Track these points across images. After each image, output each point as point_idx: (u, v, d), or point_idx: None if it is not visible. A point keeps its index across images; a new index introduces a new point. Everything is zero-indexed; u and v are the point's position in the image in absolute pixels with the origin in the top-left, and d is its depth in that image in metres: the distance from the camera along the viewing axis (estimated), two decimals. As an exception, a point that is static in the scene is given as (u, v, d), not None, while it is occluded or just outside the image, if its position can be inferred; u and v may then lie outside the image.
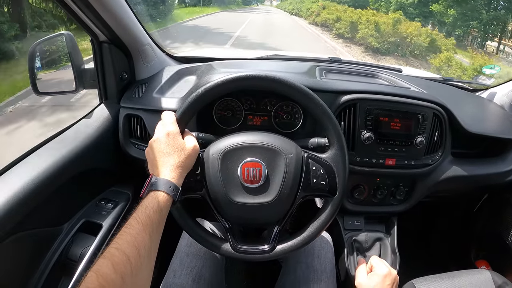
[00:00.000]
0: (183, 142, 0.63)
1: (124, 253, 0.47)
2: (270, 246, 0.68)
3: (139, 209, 0.54)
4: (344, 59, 1.23)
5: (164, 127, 0.64)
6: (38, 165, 0.76)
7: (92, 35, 0.91)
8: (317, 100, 0.67)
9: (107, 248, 0.48)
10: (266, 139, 0.67)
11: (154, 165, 0.62)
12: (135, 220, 0.52)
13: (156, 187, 0.57)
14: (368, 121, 0.87)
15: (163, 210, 0.57)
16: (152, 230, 0.53)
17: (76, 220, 0.88)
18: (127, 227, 0.51)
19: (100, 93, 0.98)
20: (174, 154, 0.61)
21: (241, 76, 0.65)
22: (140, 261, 0.49)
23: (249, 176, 0.64)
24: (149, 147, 0.64)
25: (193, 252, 0.84)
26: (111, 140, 0.96)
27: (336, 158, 0.68)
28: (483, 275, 0.82)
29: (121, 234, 0.50)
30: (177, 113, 0.66)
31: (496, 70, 1.28)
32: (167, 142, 0.62)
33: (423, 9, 15.47)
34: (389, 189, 0.98)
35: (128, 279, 0.46)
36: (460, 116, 0.94)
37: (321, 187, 0.67)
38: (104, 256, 0.46)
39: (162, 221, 0.57)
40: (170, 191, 0.58)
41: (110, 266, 0.45)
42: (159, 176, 0.59)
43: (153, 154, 0.62)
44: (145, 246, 0.50)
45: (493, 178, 1.02)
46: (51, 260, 0.80)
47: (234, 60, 1.21)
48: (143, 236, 0.51)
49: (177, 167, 0.60)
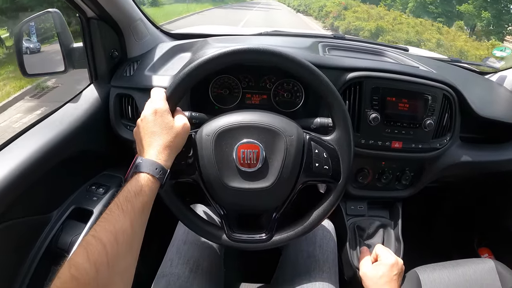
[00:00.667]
0: (172, 120, 0.58)
1: (101, 241, 0.43)
2: (267, 234, 0.64)
3: (120, 193, 0.50)
4: (348, 37, 1.17)
5: (152, 105, 0.59)
6: (23, 150, 0.71)
7: (79, 11, 0.86)
8: (323, 77, 0.61)
9: (84, 236, 0.45)
10: (265, 119, 0.61)
11: (140, 145, 0.57)
12: (115, 204, 0.48)
13: (140, 169, 0.53)
14: (374, 101, 0.82)
15: (147, 193, 0.52)
16: (134, 216, 0.49)
17: (65, 207, 0.84)
18: (107, 213, 0.47)
19: (90, 72, 0.93)
20: (162, 133, 0.56)
21: (238, 49, 0.59)
22: (117, 249, 0.45)
23: (245, 159, 0.59)
24: (136, 127, 0.59)
25: (191, 240, 0.80)
26: (101, 122, 0.91)
27: (341, 141, 0.63)
28: (486, 264, 0.80)
29: (100, 220, 0.46)
30: (167, 89, 0.61)
31: (507, 53, 1.22)
32: (154, 120, 0.57)
33: (446, 8, 13.70)
34: (394, 173, 0.94)
35: (104, 269, 0.42)
36: (470, 98, 0.90)
37: (324, 172, 0.62)
38: (80, 245, 0.43)
39: (147, 206, 0.52)
40: (156, 173, 0.53)
41: (84, 255, 0.42)
42: (145, 156, 0.55)
43: (140, 134, 0.57)
44: (125, 233, 0.46)
45: (501, 165, 0.98)
46: (40, 249, 0.76)
47: (232, 36, 1.15)
48: (122, 221, 0.47)
49: (165, 147, 0.56)
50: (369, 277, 0.71)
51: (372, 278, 0.71)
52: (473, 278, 0.77)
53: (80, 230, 0.79)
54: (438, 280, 0.77)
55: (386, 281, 0.69)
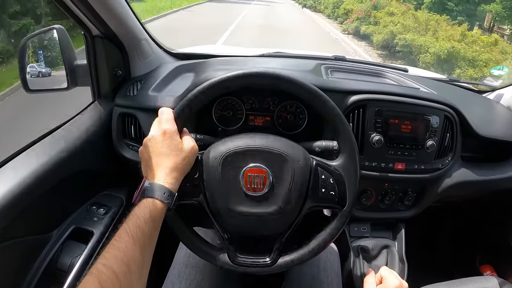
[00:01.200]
0: (180, 142, 0.58)
1: (112, 270, 0.43)
2: (271, 258, 0.63)
3: (129, 219, 0.49)
4: (348, 58, 1.19)
5: (160, 125, 0.58)
6: (24, 167, 0.70)
7: (84, 29, 0.86)
8: (329, 101, 0.62)
9: (94, 263, 0.43)
10: (272, 143, 0.61)
11: (148, 166, 0.56)
12: (124, 231, 0.47)
13: (149, 194, 0.52)
14: (377, 123, 0.83)
15: (156, 219, 0.52)
16: (144, 244, 0.48)
17: (65, 226, 0.82)
18: (116, 239, 0.46)
19: (93, 90, 0.93)
20: (170, 154, 0.56)
21: (246, 73, 0.60)
22: (130, 278, 0.44)
23: (252, 184, 0.58)
24: (144, 146, 0.58)
25: (192, 264, 0.79)
26: (103, 141, 0.90)
27: (347, 167, 0.63)
28: (490, 283, 0.79)
29: (109, 247, 0.45)
30: (175, 110, 0.61)
31: (504, 72, 1.24)
32: (163, 141, 0.56)
33: (468, 5, 11.79)
34: (397, 194, 0.93)
35: None
36: (471, 118, 0.91)
37: (330, 197, 0.62)
38: (90, 273, 0.42)
39: (155, 232, 0.52)
40: (164, 198, 0.53)
41: (97, 285, 0.40)
42: (153, 180, 0.54)
43: (148, 154, 0.57)
44: (136, 262, 0.46)
45: (502, 183, 0.99)
46: (39, 270, 0.75)
47: (234, 57, 1.16)
48: (133, 250, 0.46)
49: (173, 169, 0.55)
50: None
51: None
52: None
53: (80, 250, 0.78)
54: None
55: None
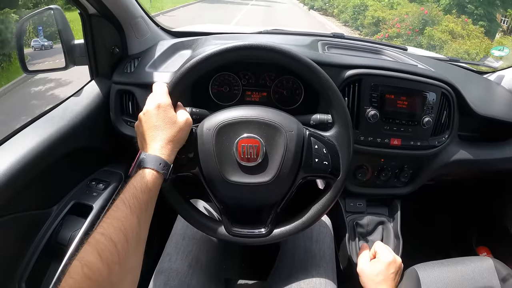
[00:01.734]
0: (174, 115, 0.59)
1: (111, 239, 0.44)
2: (266, 229, 0.64)
3: (126, 189, 0.50)
4: (347, 35, 1.18)
5: (154, 99, 0.59)
6: (24, 145, 0.71)
7: (80, 7, 0.86)
8: (322, 73, 0.62)
9: (92, 232, 0.44)
10: (265, 114, 0.62)
11: (143, 139, 0.57)
12: (121, 202, 0.48)
13: (144, 164, 0.53)
14: (373, 98, 0.83)
15: (152, 189, 0.52)
16: (141, 213, 0.49)
17: (65, 202, 0.84)
18: (113, 209, 0.47)
19: (91, 69, 0.94)
20: (165, 127, 0.57)
21: (240, 45, 0.60)
22: (128, 248, 0.45)
23: (245, 154, 0.59)
24: (139, 121, 0.59)
25: (189, 235, 0.80)
26: (102, 118, 0.91)
27: (341, 137, 0.64)
28: (485, 263, 0.80)
29: (107, 217, 0.46)
30: (169, 84, 0.61)
31: (505, 52, 1.23)
32: (157, 114, 0.57)
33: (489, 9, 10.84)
34: (393, 170, 0.94)
35: (115, 267, 0.43)
36: (469, 96, 0.90)
37: (323, 167, 0.63)
38: (89, 243, 0.43)
39: (152, 202, 0.53)
40: (160, 168, 0.54)
41: (95, 254, 0.42)
42: (148, 152, 0.55)
43: (143, 128, 0.58)
44: (133, 231, 0.47)
45: (499, 164, 0.99)
46: (40, 244, 0.76)
47: (232, 34, 1.16)
48: (130, 219, 0.47)
49: (168, 141, 0.56)
50: (366, 274, 0.72)
51: (368, 275, 0.71)
52: (471, 276, 0.77)
53: (80, 225, 0.79)
54: (437, 277, 0.77)
55: (382, 279, 0.69)
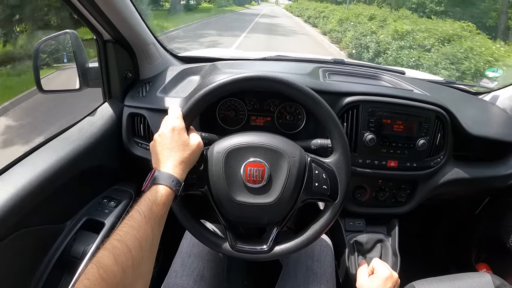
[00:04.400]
0: (187, 138, 0.64)
1: (126, 245, 0.47)
2: (268, 246, 0.68)
3: (141, 201, 0.54)
4: (347, 61, 1.23)
5: (170, 122, 0.64)
6: (42, 162, 0.76)
7: (96, 34, 0.92)
8: (323, 103, 0.67)
9: (108, 239, 0.48)
10: (271, 140, 0.67)
11: (158, 159, 0.62)
12: (137, 212, 0.52)
13: (158, 181, 0.58)
14: (370, 123, 0.87)
15: (165, 203, 0.57)
16: (154, 223, 0.53)
17: (78, 217, 0.88)
18: (128, 219, 0.51)
19: (104, 91, 0.99)
20: (179, 149, 0.61)
21: (250, 76, 0.66)
22: (141, 254, 0.49)
23: (251, 176, 0.64)
24: (154, 141, 0.64)
25: (195, 253, 0.84)
26: (114, 139, 0.96)
27: (339, 164, 0.69)
28: (483, 278, 0.82)
29: (122, 226, 0.50)
30: (183, 109, 0.67)
31: (499, 74, 1.27)
32: (172, 137, 0.62)
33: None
34: (391, 191, 0.98)
35: (129, 271, 0.46)
36: (463, 118, 0.94)
37: (323, 191, 0.67)
38: (105, 248, 0.46)
39: (164, 215, 0.57)
40: (172, 185, 0.58)
41: (111, 257, 0.45)
42: (162, 170, 0.59)
43: (158, 148, 0.63)
44: (147, 238, 0.51)
45: (494, 181, 1.02)
46: (54, 257, 0.80)
47: (238, 60, 1.21)
48: (145, 228, 0.51)
49: (181, 162, 0.61)
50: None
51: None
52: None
53: (92, 240, 0.83)
54: None
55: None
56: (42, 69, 0.95)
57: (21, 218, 0.69)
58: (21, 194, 0.68)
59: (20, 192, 0.68)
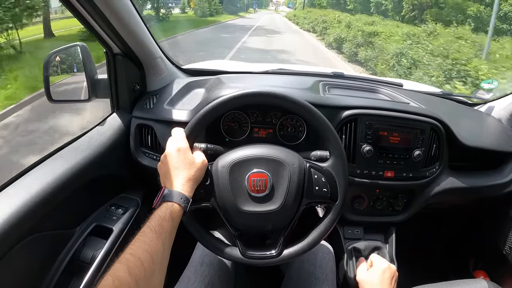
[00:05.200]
0: (192, 157, 0.68)
1: (139, 258, 0.51)
2: (277, 251, 0.72)
3: (152, 218, 0.58)
4: (346, 74, 1.27)
5: (174, 143, 0.68)
6: (53, 170, 0.79)
7: (107, 47, 0.96)
8: (317, 113, 0.72)
9: (122, 254, 0.51)
10: (271, 151, 0.71)
11: (166, 178, 0.66)
12: (148, 228, 0.56)
13: (168, 198, 0.62)
14: (368, 135, 0.91)
15: (175, 219, 0.61)
16: (165, 238, 0.57)
17: (87, 224, 0.91)
18: (141, 234, 0.55)
19: (113, 102, 1.03)
20: (185, 168, 0.66)
21: (249, 92, 0.71)
22: (153, 267, 0.52)
23: (255, 186, 0.68)
24: (161, 162, 0.69)
25: (207, 262, 0.88)
26: (122, 148, 1.00)
27: (336, 166, 0.73)
28: (479, 285, 0.84)
29: (135, 241, 0.54)
30: (186, 129, 0.71)
31: (494, 85, 1.30)
32: (178, 157, 0.66)
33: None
34: (388, 200, 1.01)
35: (142, 282, 0.50)
36: (457, 130, 0.98)
37: (323, 194, 0.71)
38: (119, 261, 0.50)
39: (174, 230, 0.61)
40: (181, 202, 0.62)
41: (125, 270, 0.49)
42: (171, 188, 0.63)
43: (165, 168, 0.67)
44: (158, 252, 0.54)
45: (490, 190, 1.05)
46: (64, 261, 0.83)
47: (241, 73, 1.25)
48: (156, 243, 0.55)
49: (188, 180, 0.65)
50: (365, 281, 0.82)
51: (367, 281, 0.81)
52: None
53: (101, 245, 0.86)
54: None
55: (379, 281, 0.79)
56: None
57: (35, 223, 0.72)
58: (34, 200, 0.71)
59: (34, 198, 0.71)
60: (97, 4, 0.75)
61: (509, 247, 1.16)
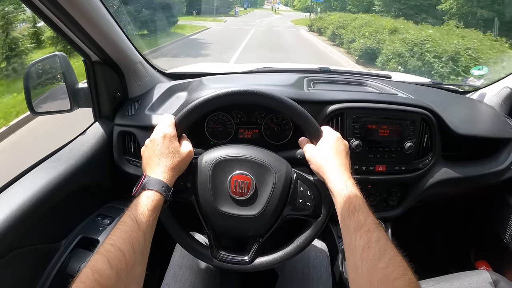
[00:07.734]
0: (178, 145, 0.65)
1: (119, 249, 0.49)
2: (249, 258, 0.69)
3: (132, 207, 0.56)
4: (333, 69, 1.25)
5: (161, 129, 0.66)
6: (35, 183, 0.78)
7: (84, 55, 0.94)
8: (302, 111, 0.69)
9: (101, 245, 0.49)
10: (259, 154, 0.69)
11: (148, 164, 0.64)
12: (128, 217, 0.54)
13: (148, 186, 0.59)
14: (356, 130, 0.89)
15: (155, 208, 0.58)
16: (146, 227, 0.55)
17: (73, 236, 0.89)
18: (121, 224, 0.53)
19: (95, 111, 1.01)
20: (169, 155, 0.63)
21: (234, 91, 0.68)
22: (134, 257, 0.50)
23: (237, 188, 0.66)
24: (145, 146, 0.66)
25: (186, 265, 0.85)
26: (106, 157, 0.98)
27: (324, 185, 0.67)
28: (481, 276, 0.83)
29: (115, 230, 0.52)
30: (176, 117, 0.69)
31: (484, 71, 1.29)
32: (163, 143, 0.64)
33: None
34: (381, 195, 0.98)
35: (123, 274, 0.47)
36: (449, 118, 0.96)
37: (306, 208, 0.68)
38: (99, 252, 0.48)
39: (155, 219, 0.58)
40: (162, 190, 0.59)
41: (105, 261, 0.46)
42: (152, 175, 0.61)
43: (148, 153, 0.64)
44: (139, 242, 0.52)
45: (486, 179, 1.03)
46: (50, 275, 0.81)
47: (224, 74, 1.23)
48: (137, 233, 0.52)
49: (170, 168, 0.62)
50: (314, 155, 0.67)
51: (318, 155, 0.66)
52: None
53: (87, 257, 0.84)
54: None
55: (331, 154, 0.65)
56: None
57: (16, 239, 0.70)
58: (15, 215, 0.69)
59: (15, 213, 0.69)
60: (68, 11, 0.73)
61: (510, 235, 1.14)
